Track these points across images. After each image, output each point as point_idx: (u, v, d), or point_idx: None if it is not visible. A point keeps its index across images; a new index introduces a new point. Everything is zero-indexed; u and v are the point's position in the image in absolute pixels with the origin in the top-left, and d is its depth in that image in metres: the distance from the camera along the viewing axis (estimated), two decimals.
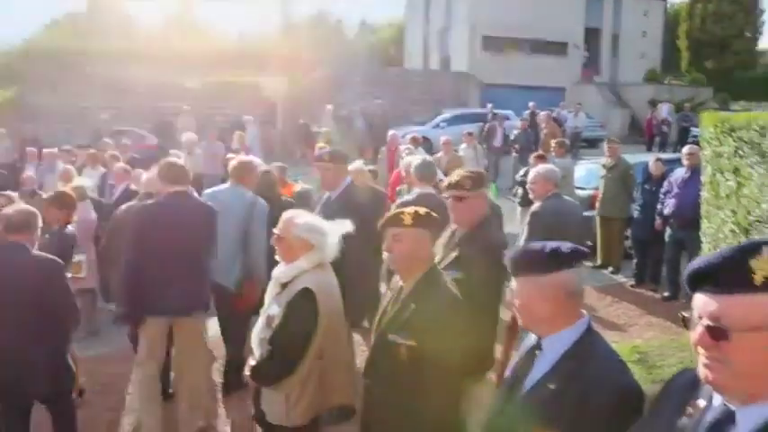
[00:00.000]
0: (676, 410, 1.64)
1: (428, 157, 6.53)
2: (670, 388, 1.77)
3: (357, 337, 6.28)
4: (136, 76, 24.26)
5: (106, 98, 22.28)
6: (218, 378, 6.03)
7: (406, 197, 5.79)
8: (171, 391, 5.59)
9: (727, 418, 1.49)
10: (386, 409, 3.07)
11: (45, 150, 12.53)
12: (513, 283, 2.27)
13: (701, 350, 1.51)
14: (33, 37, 34.53)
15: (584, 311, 2.26)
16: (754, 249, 1.44)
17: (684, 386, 1.68)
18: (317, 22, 52.98)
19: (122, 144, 13.14)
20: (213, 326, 5.76)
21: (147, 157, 12.62)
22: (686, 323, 1.57)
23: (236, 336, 5.59)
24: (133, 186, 8.68)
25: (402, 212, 3.11)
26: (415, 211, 3.11)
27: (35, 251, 4.25)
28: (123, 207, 6.33)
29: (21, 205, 4.71)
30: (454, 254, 3.88)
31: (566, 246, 2.22)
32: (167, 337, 5.11)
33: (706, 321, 1.48)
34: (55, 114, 21.90)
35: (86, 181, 8.75)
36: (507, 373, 2.41)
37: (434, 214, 3.20)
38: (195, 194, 5.47)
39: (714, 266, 1.49)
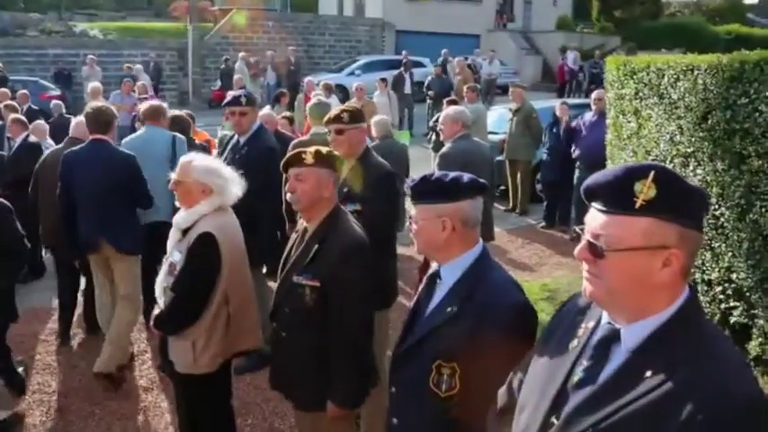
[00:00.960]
0: (567, 332, 1.68)
1: (323, 99, 6.53)
2: (562, 312, 1.81)
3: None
4: (32, 20, 22.93)
5: None
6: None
7: (302, 138, 5.79)
8: None
9: (614, 335, 1.53)
10: (294, 351, 3.06)
11: None
12: (413, 210, 2.29)
13: (583, 264, 1.56)
14: None
15: (480, 239, 2.31)
16: (641, 173, 1.46)
17: (576, 310, 1.73)
18: None
19: (21, 94, 12.41)
20: None
21: (48, 107, 12.04)
22: (578, 238, 1.60)
23: None
24: (32, 138, 8.26)
25: (303, 152, 3.04)
26: (317, 150, 3.04)
27: None
28: (49, 153, 6.22)
29: None
30: (345, 188, 3.90)
31: (466, 176, 2.26)
32: None
33: (588, 237, 1.52)
34: None
35: None
36: (411, 305, 2.45)
37: (336, 153, 3.17)
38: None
39: (602, 185, 1.51)
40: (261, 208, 4.72)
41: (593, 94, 8.85)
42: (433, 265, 2.38)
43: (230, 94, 5.73)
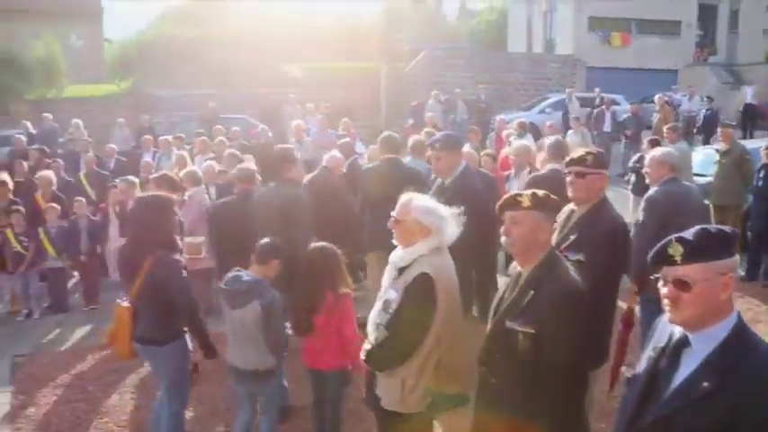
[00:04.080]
0: None
1: (560, 137, 6.54)
2: None
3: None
4: (240, 63, 25.00)
5: (213, 85, 23.00)
6: None
7: (540, 171, 5.74)
8: None
9: None
10: (502, 399, 3.00)
11: (160, 138, 13.05)
12: (678, 271, 2.09)
13: None
14: (146, 29, 36.18)
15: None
16: None
17: None
18: (417, 5, 52.84)
19: (234, 131, 13.48)
20: None
21: (257, 143, 13.00)
22: None
23: None
24: None
25: (519, 195, 3.03)
26: (533, 194, 3.02)
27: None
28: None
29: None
30: (573, 236, 3.75)
31: (727, 227, 2.13)
32: None
33: None
34: (167, 103, 22.83)
35: (213, 163, 9.16)
36: (640, 370, 2.28)
37: (553, 197, 3.10)
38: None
39: None
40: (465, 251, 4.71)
41: None
42: (671, 330, 2.20)
43: (424, 134, 5.88)
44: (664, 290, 2.11)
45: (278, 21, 34.30)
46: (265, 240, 4.49)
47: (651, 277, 2.20)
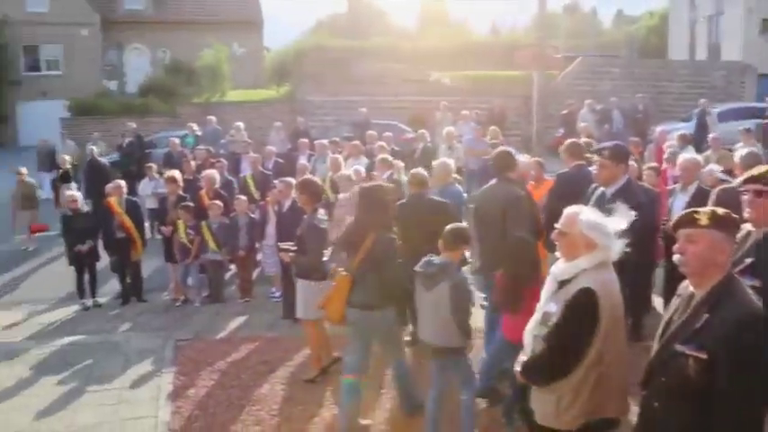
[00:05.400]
0: None
1: (755, 149, 6.20)
2: None
3: None
4: (391, 71, 25.46)
5: (364, 92, 23.55)
6: None
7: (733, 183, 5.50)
8: None
9: None
10: (664, 425, 2.86)
11: (316, 142, 13.46)
12: None
13: None
14: (302, 38, 37.78)
15: None
16: None
17: None
18: (572, 11, 51.59)
19: (386, 136, 13.67)
20: None
21: (407, 149, 13.17)
22: None
23: None
24: (395, 176, 9.10)
25: (697, 212, 2.86)
26: (713, 211, 2.85)
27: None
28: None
29: None
30: (749, 259, 3.49)
31: None
32: None
33: None
34: (319, 108, 23.66)
35: (360, 168, 9.40)
36: None
37: (735, 216, 2.90)
38: None
39: None
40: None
41: None
42: None
43: (600, 145, 5.77)
44: None
45: (431, 31, 34.68)
46: (451, 227, 4.90)
47: None
